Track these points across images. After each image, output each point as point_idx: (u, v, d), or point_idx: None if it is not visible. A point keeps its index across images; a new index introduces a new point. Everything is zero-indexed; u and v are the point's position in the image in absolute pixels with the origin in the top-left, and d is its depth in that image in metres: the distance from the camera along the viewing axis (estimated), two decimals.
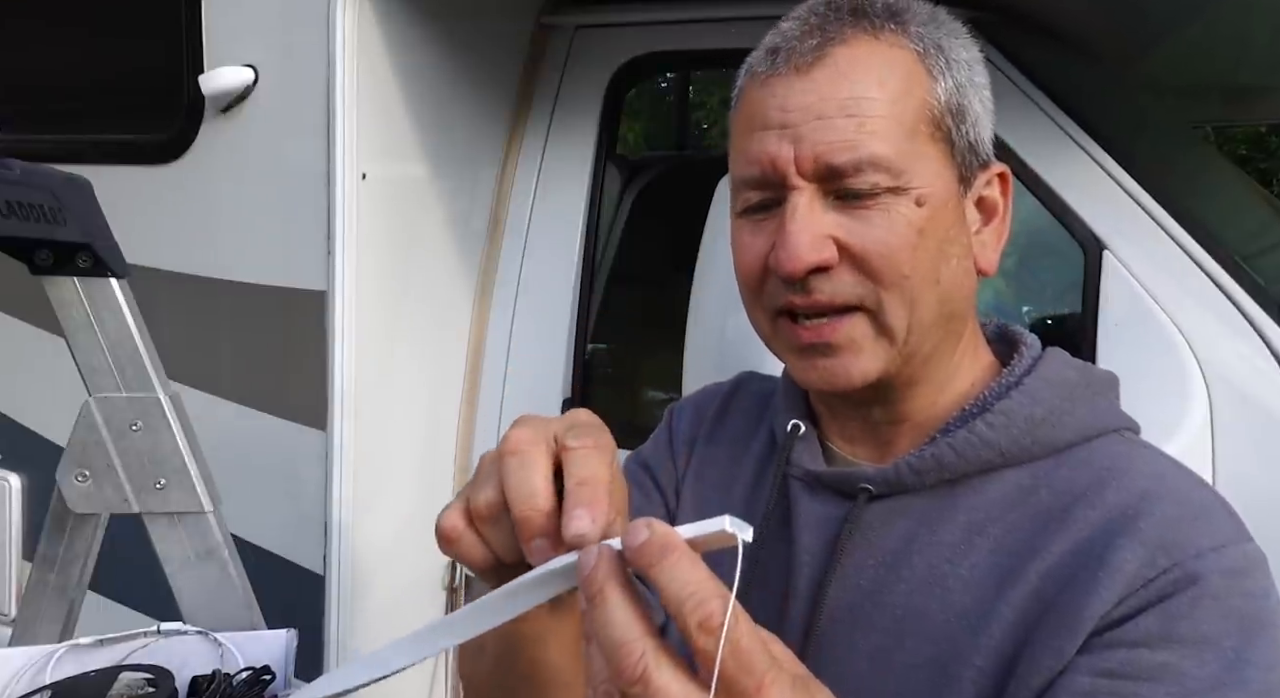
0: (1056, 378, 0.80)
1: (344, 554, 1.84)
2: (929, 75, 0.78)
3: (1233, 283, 1.51)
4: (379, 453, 1.90)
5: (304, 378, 1.86)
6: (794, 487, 0.86)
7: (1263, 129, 6.40)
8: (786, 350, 0.81)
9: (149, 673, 0.94)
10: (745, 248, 0.81)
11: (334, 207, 1.77)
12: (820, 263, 0.75)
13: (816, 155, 0.74)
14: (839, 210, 0.76)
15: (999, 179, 0.84)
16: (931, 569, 0.77)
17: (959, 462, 0.78)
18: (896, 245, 0.75)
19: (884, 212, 0.75)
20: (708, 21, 1.96)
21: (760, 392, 1.00)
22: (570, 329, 2.03)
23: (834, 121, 0.75)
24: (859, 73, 0.76)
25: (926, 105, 0.77)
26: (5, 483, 2.33)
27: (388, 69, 1.84)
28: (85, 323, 1.12)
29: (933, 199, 0.76)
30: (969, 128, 0.80)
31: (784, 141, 0.76)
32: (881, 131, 0.75)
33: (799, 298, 0.77)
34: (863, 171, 0.74)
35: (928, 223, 0.76)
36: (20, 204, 1.02)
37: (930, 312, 0.77)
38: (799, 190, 0.75)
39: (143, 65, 2.14)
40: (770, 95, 0.77)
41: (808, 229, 0.75)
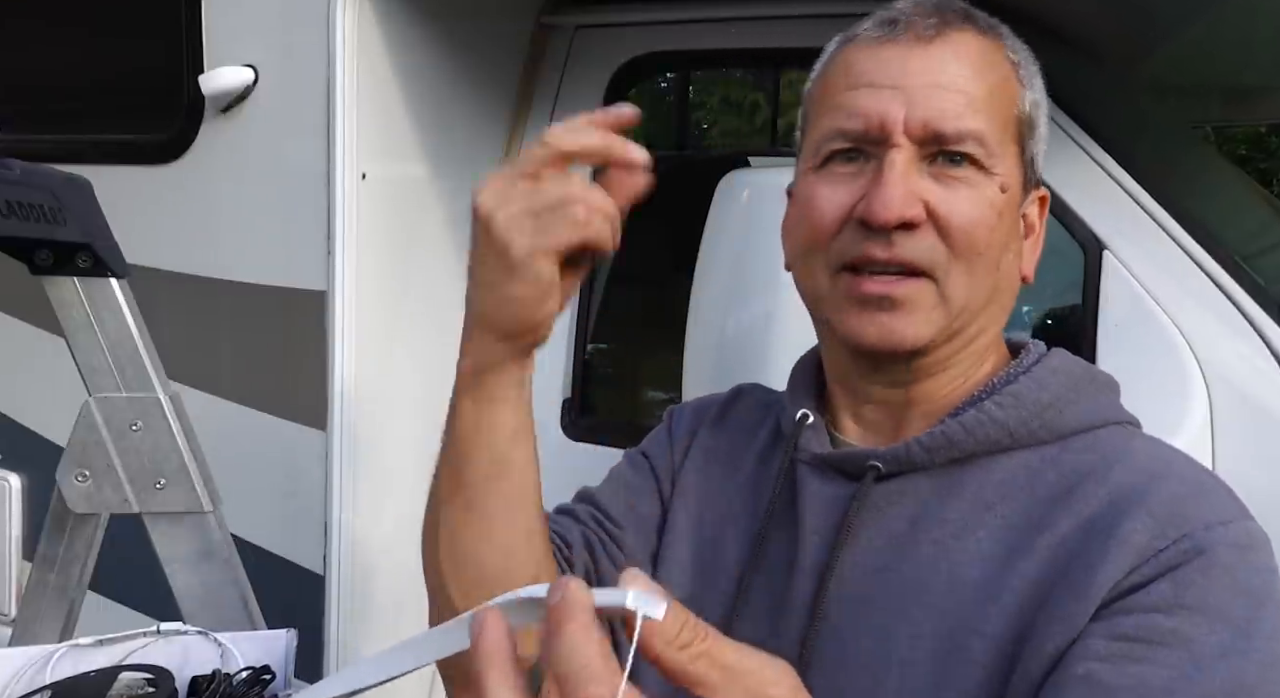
0: (1063, 369, 0.84)
1: (344, 554, 1.84)
2: (1020, 83, 0.83)
3: (1233, 283, 1.51)
4: (379, 453, 1.90)
5: (304, 378, 1.86)
6: (801, 471, 0.87)
7: (1263, 129, 6.40)
8: (844, 304, 0.82)
9: (149, 673, 0.94)
10: (823, 198, 0.82)
11: (334, 207, 1.77)
12: (912, 217, 0.77)
13: (927, 120, 0.78)
14: (933, 177, 0.79)
15: (1040, 202, 0.88)
16: (938, 546, 0.78)
17: (968, 440, 0.80)
18: (979, 219, 0.78)
19: (972, 187, 0.79)
20: (708, 21, 1.96)
21: (760, 398, 1.02)
22: (570, 329, 2.03)
23: (947, 92, 0.78)
24: (972, 58, 0.80)
25: (1015, 107, 0.82)
26: (5, 483, 2.33)
27: (388, 69, 1.84)
28: (85, 323, 1.12)
29: (1010, 191, 0.81)
30: (1035, 144, 0.85)
31: (896, 101, 0.78)
32: (984, 113, 0.79)
33: (879, 249, 0.78)
34: (964, 141, 0.78)
35: (1005, 210, 0.80)
36: (20, 204, 1.02)
37: (984, 294, 0.81)
38: (899, 149, 0.78)
39: (143, 65, 2.14)
40: (888, 58, 0.80)
41: (905, 183, 0.77)
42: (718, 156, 5.76)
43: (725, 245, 1.62)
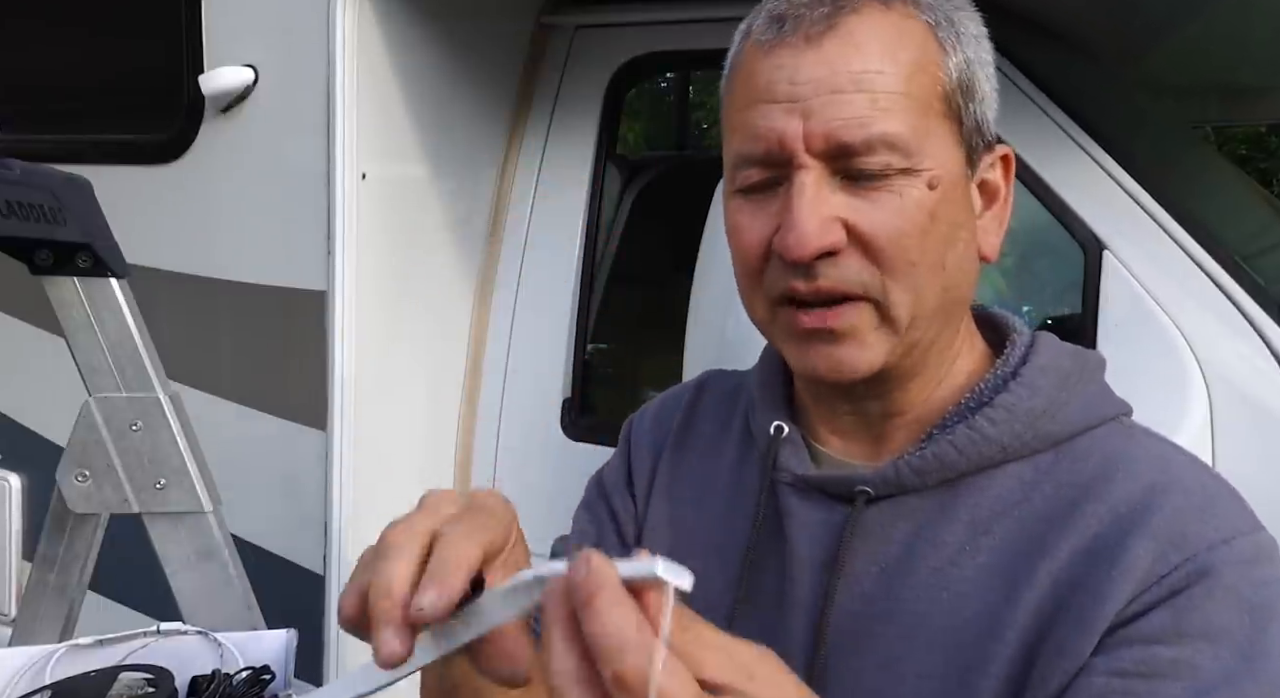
0: (1052, 366, 0.78)
1: (344, 554, 1.84)
2: (941, 49, 0.74)
3: (1233, 283, 1.51)
4: (379, 453, 1.90)
5: (304, 378, 1.86)
6: (783, 493, 0.81)
7: (1263, 129, 6.40)
8: (786, 338, 0.77)
9: (149, 673, 0.94)
10: (744, 229, 0.76)
11: (334, 207, 1.77)
12: (829, 247, 0.71)
13: (828, 132, 0.70)
14: (847, 191, 0.72)
15: (1002, 161, 0.81)
16: (936, 573, 0.74)
17: (961, 460, 0.75)
18: (907, 229, 0.71)
19: (895, 194, 0.71)
20: (708, 21, 1.96)
21: (726, 391, 0.95)
22: (570, 329, 2.03)
23: (847, 96, 0.70)
24: (872, 44, 0.71)
25: (939, 81, 0.73)
26: (5, 483, 2.33)
27: (388, 69, 1.84)
28: (85, 323, 1.12)
29: (944, 181, 0.73)
30: (977, 106, 0.76)
31: (792, 117, 0.71)
32: (896, 108, 0.70)
33: (803, 284, 0.72)
34: (875, 151, 0.70)
35: (938, 206, 0.72)
36: (20, 204, 1.02)
37: (934, 300, 0.74)
38: (806, 169, 0.71)
39: (143, 65, 2.14)
40: (777, 66, 0.72)
41: (816, 212, 0.70)
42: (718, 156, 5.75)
43: (725, 245, 1.61)
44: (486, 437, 2.07)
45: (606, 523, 0.92)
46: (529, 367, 2.05)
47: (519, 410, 2.05)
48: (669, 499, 0.90)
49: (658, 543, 0.88)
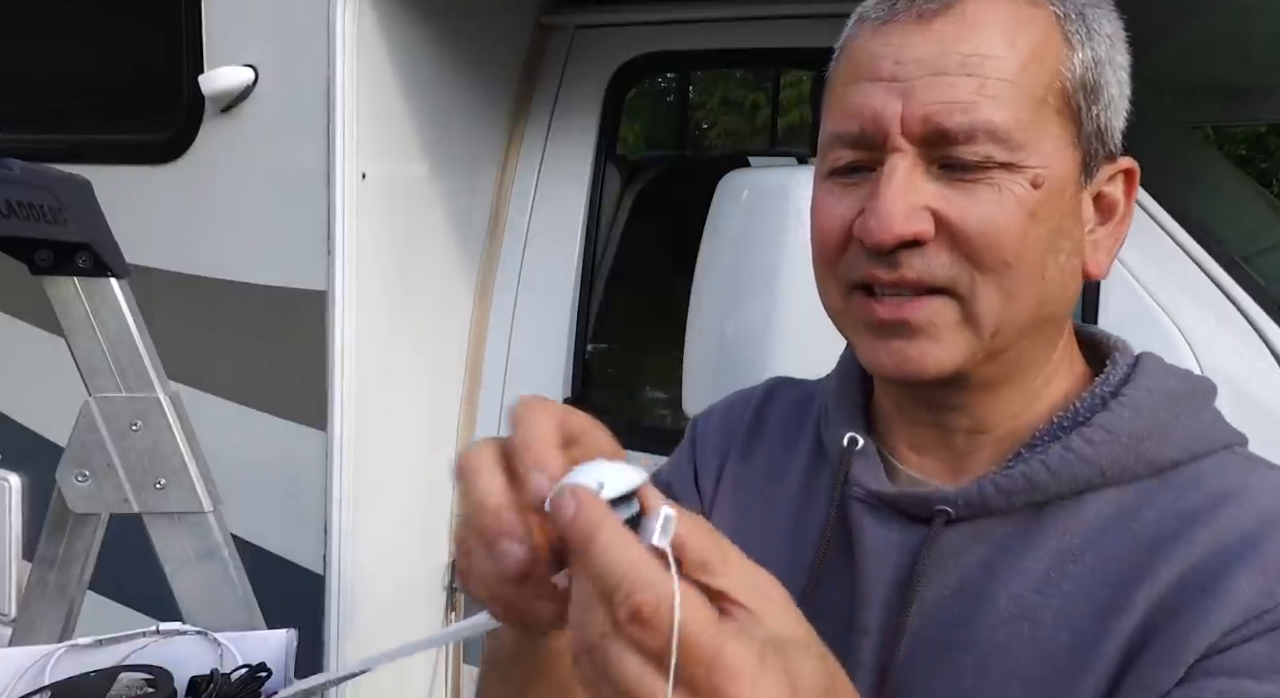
0: (1159, 388, 0.71)
1: (344, 554, 1.84)
2: (1066, 42, 0.69)
3: (1233, 283, 1.51)
4: (379, 453, 1.90)
5: (304, 378, 1.86)
6: (855, 509, 0.76)
7: (1263, 129, 6.40)
8: (857, 328, 0.72)
9: (148, 674, 0.94)
10: (826, 212, 0.72)
11: (334, 207, 1.77)
12: (914, 235, 0.66)
13: (927, 115, 0.66)
14: (942, 181, 0.67)
15: (1124, 176, 0.75)
16: (1018, 601, 0.68)
17: (1053, 482, 0.69)
18: (1004, 226, 0.66)
19: (994, 187, 0.66)
20: (708, 21, 1.96)
21: (797, 399, 0.90)
22: (570, 329, 2.03)
23: (952, 79, 0.66)
24: (988, 27, 0.66)
25: (1059, 76, 0.68)
26: (5, 483, 2.33)
27: (388, 69, 1.84)
28: (85, 323, 1.12)
29: (1051, 182, 0.67)
30: (1100, 111, 0.71)
31: (891, 96, 0.67)
32: (1004, 97, 0.66)
33: (883, 272, 0.68)
34: (975, 140, 0.65)
35: (1041, 207, 0.67)
36: (20, 204, 1.02)
37: (1027, 309, 0.68)
38: (900, 153, 0.67)
39: (143, 65, 2.14)
40: (883, 44, 0.68)
41: (904, 197, 0.66)
42: (718, 156, 5.77)
43: (725, 245, 1.62)
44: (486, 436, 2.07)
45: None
46: (529, 366, 2.05)
47: None
48: (734, 506, 0.86)
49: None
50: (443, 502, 2.09)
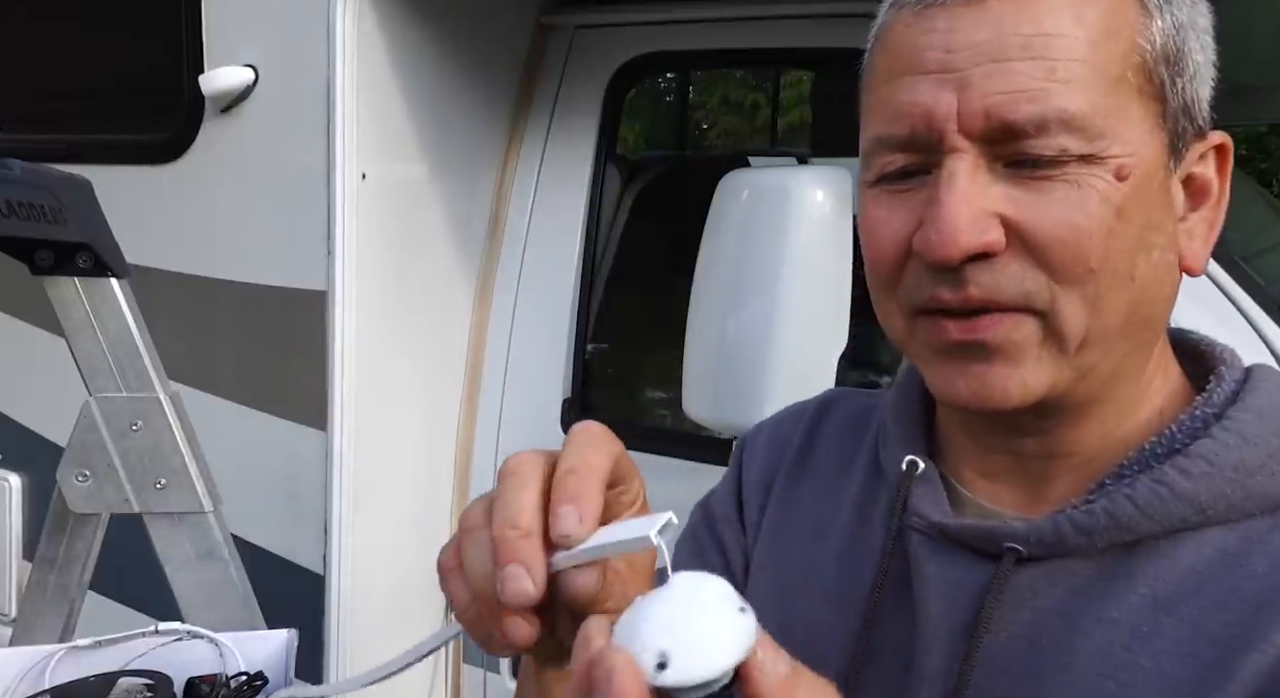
0: (1272, 409, 0.62)
1: (344, 554, 1.84)
2: (1143, 9, 0.60)
3: (1233, 283, 1.51)
4: (379, 453, 1.90)
5: (304, 378, 1.86)
6: (914, 541, 0.68)
7: (1263, 129, 6.40)
8: (926, 353, 0.63)
9: (148, 678, 0.94)
10: (880, 225, 0.63)
11: (334, 207, 1.77)
12: (983, 247, 0.57)
13: (988, 109, 0.57)
14: (1010, 182, 0.58)
15: (1216, 152, 0.64)
16: (1102, 657, 0.59)
17: (1142, 520, 0.60)
18: (1087, 229, 0.57)
19: (1072, 185, 0.57)
20: (708, 21, 1.96)
21: (854, 414, 0.81)
22: (570, 329, 2.03)
23: (1014, 65, 0.57)
24: (1051, 1, 0.58)
25: (1137, 49, 0.59)
26: (5, 483, 2.33)
27: (388, 69, 1.84)
28: (85, 323, 1.12)
29: (1138, 172, 0.58)
30: (1186, 83, 0.61)
31: (944, 89, 0.58)
32: (1077, 80, 0.57)
33: (949, 292, 0.59)
34: (1049, 132, 0.57)
35: (1129, 202, 0.58)
36: (21, 204, 1.02)
37: (1118, 317, 0.59)
38: (959, 154, 0.58)
39: (143, 65, 2.14)
40: (927, 30, 0.59)
41: (969, 203, 0.57)
42: (718, 156, 5.77)
43: (725, 245, 1.62)
44: (486, 437, 2.07)
45: (712, 553, 0.81)
46: (529, 367, 2.05)
47: (519, 410, 2.05)
48: (782, 534, 0.78)
49: (766, 583, 0.77)
50: (443, 502, 2.09)
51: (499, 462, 2.14)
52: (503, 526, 0.47)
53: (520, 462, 0.50)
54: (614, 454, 0.51)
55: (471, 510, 0.51)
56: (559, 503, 0.47)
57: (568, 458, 0.49)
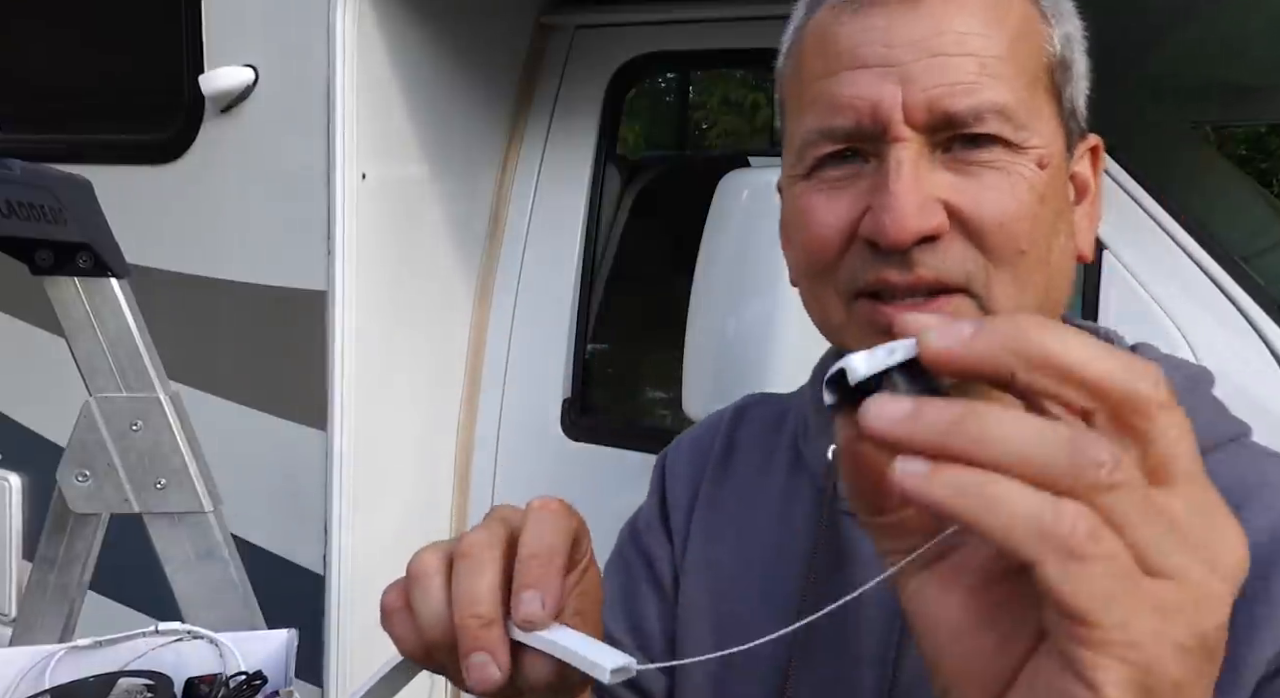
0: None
1: (344, 554, 1.84)
2: (1044, 18, 0.66)
3: (1233, 283, 1.51)
4: (379, 453, 1.90)
5: (304, 378, 1.86)
6: (846, 525, 0.71)
7: (1263, 129, 6.40)
8: (866, 335, 0.65)
9: (148, 679, 0.94)
10: (821, 212, 0.65)
11: (334, 207, 1.77)
12: (931, 230, 0.61)
13: (931, 100, 0.61)
14: (949, 168, 0.63)
15: (1091, 153, 0.71)
16: None
17: None
18: (1017, 213, 0.62)
19: (1003, 173, 0.62)
20: (708, 21, 1.96)
21: (769, 417, 0.86)
22: (570, 329, 2.03)
23: (950, 60, 0.61)
24: (977, 5, 0.63)
25: (1044, 52, 0.65)
26: (5, 483, 2.33)
27: (387, 69, 1.84)
28: (85, 323, 1.12)
29: (1052, 163, 0.64)
30: (1074, 88, 0.68)
31: (887, 82, 0.62)
32: (1003, 76, 0.62)
33: (897, 274, 0.62)
34: (984, 121, 0.61)
35: (1048, 189, 0.64)
36: (21, 204, 1.02)
37: (1038, 296, 0.64)
38: (904, 142, 0.62)
39: (143, 65, 2.14)
40: (867, 27, 0.63)
41: (917, 189, 0.61)
42: (718, 156, 5.77)
43: (725, 245, 1.62)
44: (486, 437, 2.07)
45: (638, 566, 0.84)
46: (529, 367, 2.05)
47: (519, 410, 2.05)
48: (708, 537, 0.81)
49: (699, 586, 0.80)
50: (443, 502, 2.09)
51: (499, 462, 2.15)
52: (464, 614, 0.49)
53: (474, 544, 0.52)
54: (571, 531, 0.53)
55: (423, 559, 0.53)
56: (523, 588, 0.49)
57: (529, 543, 0.51)
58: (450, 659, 0.52)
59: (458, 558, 0.52)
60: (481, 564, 0.51)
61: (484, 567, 0.51)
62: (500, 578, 0.51)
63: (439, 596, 0.51)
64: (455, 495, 2.09)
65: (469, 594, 0.50)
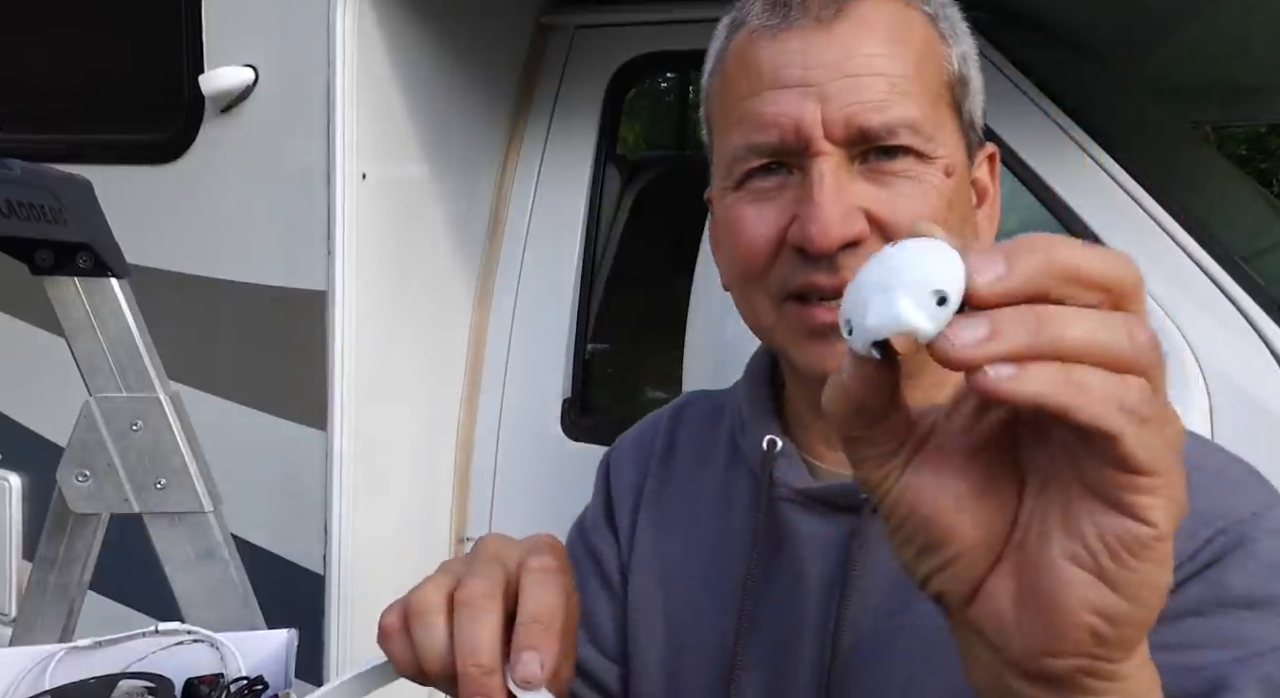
0: None
1: (344, 554, 1.84)
2: (942, 39, 0.73)
3: (1233, 283, 1.51)
4: (379, 453, 1.90)
5: (304, 378, 1.86)
6: (785, 510, 0.77)
7: (1263, 129, 6.40)
8: (795, 337, 0.72)
9: (149, 680, 0.94)
10: (751, 222, 0.72)
11: (334, 207, 1.77)
12: (854, 237, 0.67)
13: (848, 117, 0.67)
14: (866, 179, 0.69)
15: (989, 161, 0.79)
16: None
17: None
18: (929, 217, 0.67)
19: (914, 181, 0.69)
20: (708, 21, 1.95)
21: (706, 412, 0.91)
22: (570, 329, 2.03)
23: (863, 80, 0.68)
24: (883, 29, 0.69)
25: (943, 70, 0.72)
26: (5, 483, 2.33)
27: (388, 69, 1.84)
28: (85, 323, 1.12)
29: (957, 171, 0.71)
30: (972, 101, 0.75)
31: (808, 101, 0.68)
32: (912, 92, 0.69)
33: (825, 277, 0.68)
34: (896, 135, 0.68)
35: (954, 195, 0.70)
36: (21, 204, 1.02)
37: None
38: (825, 156, 0.68)
39: (143, 65, 2.14)
40: (785, 50, 0.69)
41: (840, 200, 0.67)
42: None
43: None
44: (486, 437, 2.07)
45: (586, 562, 0.89)
46: (529, 367, 2.05)
47: (519, 410, 2.05)
48: (655, 531, 0.86)
49: (649, 580, 0.85)
50: (443, 502, 2.09)
51: (499, 462, 2.15)
52: (467, 662, 0.53)
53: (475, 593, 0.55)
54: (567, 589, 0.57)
55: (425, 595, 0.56)
56: (523, 648, 0.53)
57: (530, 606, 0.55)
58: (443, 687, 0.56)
59: (460, 605, 0.55)
60: (484, 613, 0.54)
61: (485, 616, 0.54)
62: (500, 627, 0.54)
63: (440, 634, 0.55)
64: (455, 495, 2.09)
65: (471, 643, 0.53)
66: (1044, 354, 0.36)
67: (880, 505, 0.44)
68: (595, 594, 0.87)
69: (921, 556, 0.44)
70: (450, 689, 0.55)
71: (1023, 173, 1.62)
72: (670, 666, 0.82)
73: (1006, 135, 1.62)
